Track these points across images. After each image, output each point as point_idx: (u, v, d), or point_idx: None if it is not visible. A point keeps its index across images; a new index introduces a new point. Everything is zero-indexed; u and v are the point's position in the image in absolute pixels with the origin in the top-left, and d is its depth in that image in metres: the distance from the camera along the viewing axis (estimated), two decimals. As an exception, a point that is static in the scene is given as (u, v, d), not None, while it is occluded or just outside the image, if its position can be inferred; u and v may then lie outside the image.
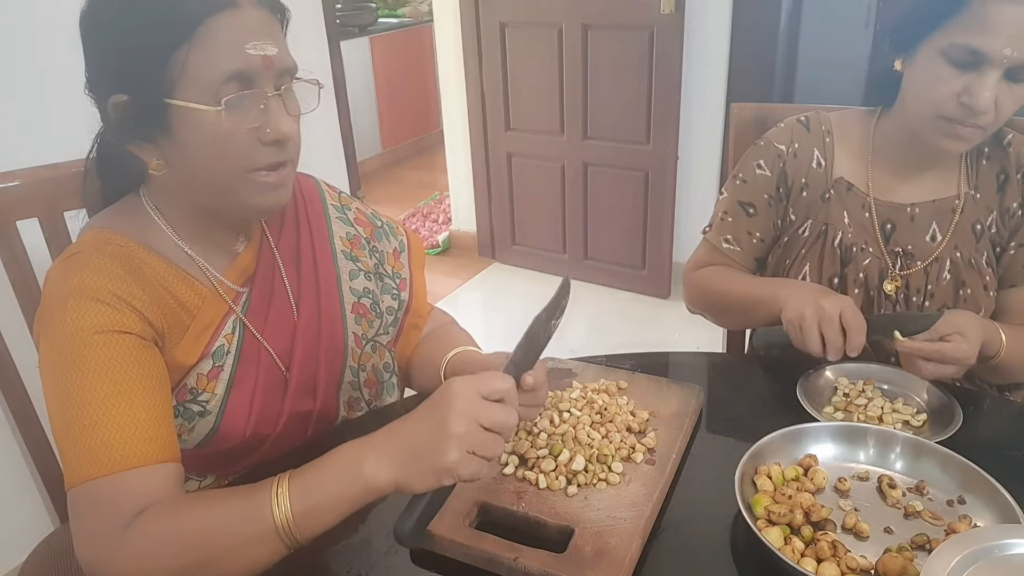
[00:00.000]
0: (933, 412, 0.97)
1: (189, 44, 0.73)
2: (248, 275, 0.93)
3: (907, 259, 1.14)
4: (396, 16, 5.29)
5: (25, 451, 1.11)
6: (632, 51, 2.77)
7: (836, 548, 0.72)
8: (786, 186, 1.19)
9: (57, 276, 0.80)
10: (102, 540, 0.70)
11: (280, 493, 0.68)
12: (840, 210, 1.16)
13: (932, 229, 1.14)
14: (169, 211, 0.86)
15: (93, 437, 0.72)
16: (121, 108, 0.77)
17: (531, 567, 0.71)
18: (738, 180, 1.23)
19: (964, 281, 1.13)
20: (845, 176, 1.17)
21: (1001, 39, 0.93)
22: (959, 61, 0.97)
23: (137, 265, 0.83)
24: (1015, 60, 0.94)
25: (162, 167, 0.80)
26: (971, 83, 0.97)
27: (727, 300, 1.20)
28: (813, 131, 1.19)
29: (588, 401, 0.95)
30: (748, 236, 1.22)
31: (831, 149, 1.18)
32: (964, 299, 1.13)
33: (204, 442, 0.89)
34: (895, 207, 1.14)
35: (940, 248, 1.13)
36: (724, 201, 1.25)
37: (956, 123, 1.00)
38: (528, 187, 3.27)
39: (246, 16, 0.75)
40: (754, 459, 0.83)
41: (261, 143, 0.78)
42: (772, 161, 1.20)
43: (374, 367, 1.04)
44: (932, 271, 1.13)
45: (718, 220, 1.25)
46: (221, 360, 0.88)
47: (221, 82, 0.74)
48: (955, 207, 1.13)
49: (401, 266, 1.08)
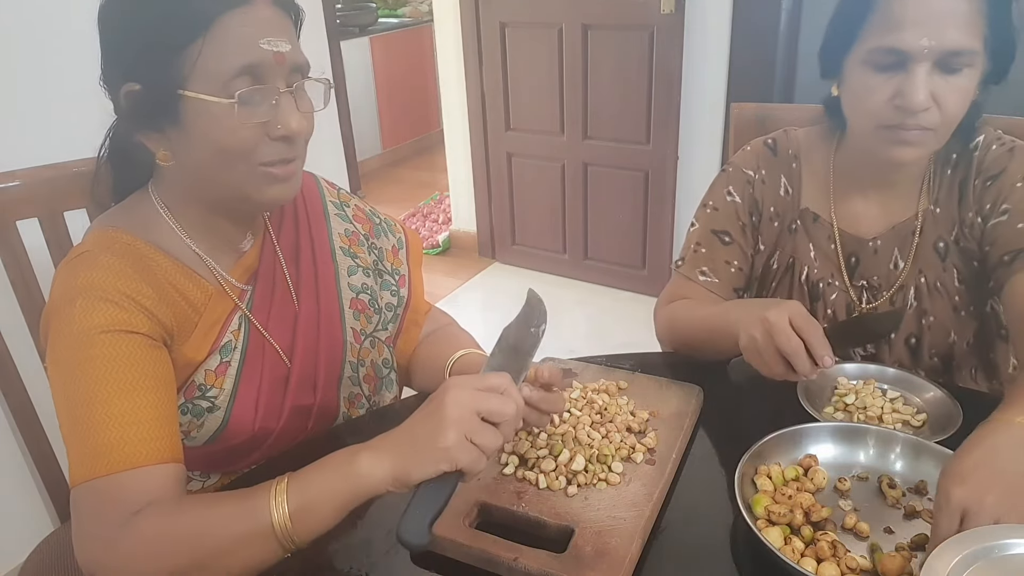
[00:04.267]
0: (933, 412, 0.97)
1: (204, 38, 0.74)
2: (252, 272, 0.94)
3: (872, 291, 1.12)
4: (396, 16, 5.29)
5: (25, 451, 1.11)
6: (632, 51, 2.77)
7: (836, 548, 0.72)
8: (757, 213, 1.15)
9: (66, 274, 0.81)
10: (100, 539, 0.70)
11: (278, 491, 0.69)
12: (806, 243, 1.14)
13: (894, 256, 1.10)
14: (177, 208, 0.87)
15: (98, 436, 0.72)
16: (133, 97, 0.78)
17: (531, 567, 0.71)
18: (708, 208, 1.17)
19: (926, 309, 1.10)
20: (811, 207, 1.13)
21: (915, 31, 0.90)
22: (882, 64, 0.94)
23: (145, 263, 0.83)
24: (937, 49, 0.90)
25: (169, 158, 0.81)
26: (901, 83, 0.93)
27: (689, 332, 1.11)
28: (780, 155, 1.15)
29: (588, 401, 0.95)
30: (726, 266, 1.15)
31: (798, 176, 1.14)
32: (928, 327, 1.10)
33: (213, 438, 0.90)
34: (858, 241, 1.11)
35: (903, 275, 1.10)
36: (696, 232, 1.18)
37: (898, 129, 0.95)
38: (528, 187, 3.27)
39: (260, 13, 0.77)
40: (754, 459, 0.83)
41: (269, 138, 0.79)
42: (742, 187, 1.15)
43: (373, 363, 1.04)
44: (897, 300, 1.11)
45: (691, 252, 1.17)
46: (228, 355, 0.89)
47: (233, 75, 0.75)
48: (914, 228, 1.09)
49: (400, 263, 1.09)
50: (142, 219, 0.86)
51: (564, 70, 2.95)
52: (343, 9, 4.65)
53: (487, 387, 0.71)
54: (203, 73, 0.75)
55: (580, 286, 3.24)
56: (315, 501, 0.68)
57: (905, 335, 1.12)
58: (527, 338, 0.80)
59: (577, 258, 3.25)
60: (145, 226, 0.86)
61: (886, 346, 1.13)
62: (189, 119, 0.77)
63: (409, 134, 5.30)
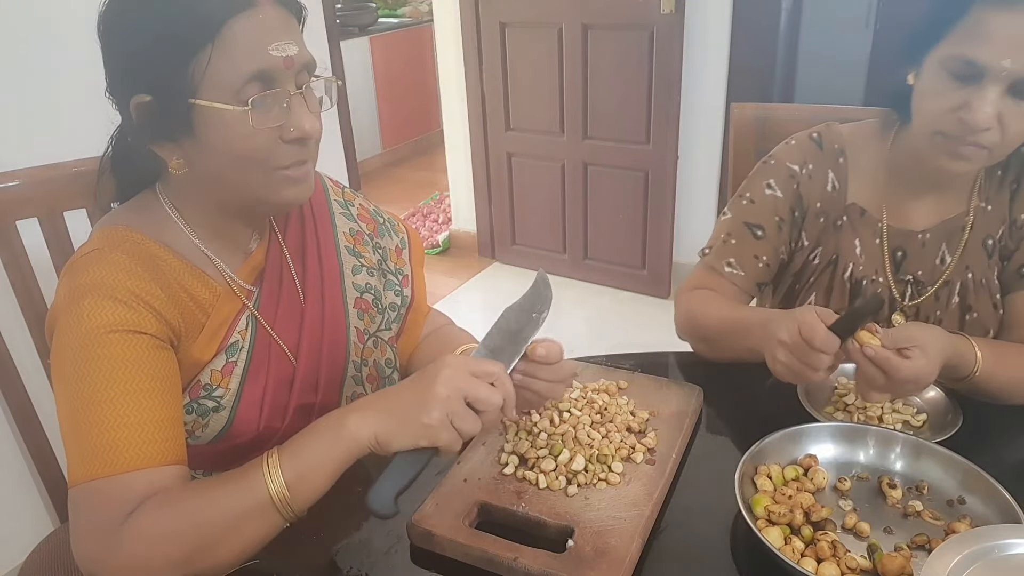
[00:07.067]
0: (933, 412, 0.97)
1: (212, 46, 0.74)
2: (259, 272, 0.94)
3: (917, 287, 1.11)
4: (396, 16, 5.29)
5: (25, 451, 1.11)
6: (632, 51, 2.77)
7: (836, 548, 0.72)
8: (802, 209, 1.13)
9: (75, 271, 0.80)
10: (99, 537, 0.70)
11: (271, 463, 0.71)
12: (852, 239, 1.12)
13: (941, 251, 1.09)
14: (186, 209, 0.87)
15: (100, 436, 0.72)
16: (143, 108, 0.78)
17: (531, 567, 0.71)
18: (744, 200, 1.15)
19: (971, 305, 1.09)
20: (858, 202, 1.12)
21: (999, 50, 0.88)
22: (958, 73, 0.92)
23: (154, 262, 0.83)
24: (1016, 74, 0.89)
25: (182, 166, 0.81)
26: (970, 96, 0.91)
27: (706, 328, 1.10)
28: (826, 150, 1.13)
29: (588, 401, 0.95)
30: (754, 260, 1.13)
31: (844, 171, 1.12)
32: (970, 323, 1.10)
33: (218, 438, 0.90)
34: (907, 234, 1.10)
35: (949, 270, 1.09)
36: (728, 222, 1.16)
37: (955, 140, 0.94)
38: (528, 187, 3.27)
39: (266, 16, 0.76)
40: (754, 459, 0.83)
41: (283, 141, 0.79)
42: (785, 182, 1.12)
43: (375, 362, 1.05)
44: (942, 296, 1.10)
45: (719, 242, 1.15)
46: (235, 355, 0.89)
47: (244, 82, 0.75)
48: (964, 224, 1.08)
49: (403, 263, 1.09)
50: (151, 218, 0.86)
51: (564, 70, 2.94)
52: (343, 9, 4.65)
53: (481, 372, 0.73)
54: (214, 81, 0.75)
55: (580, 286, 3.24)
56: (310, 467, 0.71)
57: None
58: (527, 323, 0.80)
59: (577, 258, 3.25)
60: (154, 225, 0.86)
61: None
62: (202, 128, 0.77)
63: (409, 134, 5.29)
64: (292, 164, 0.81)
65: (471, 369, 0.73)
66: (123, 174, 0.90)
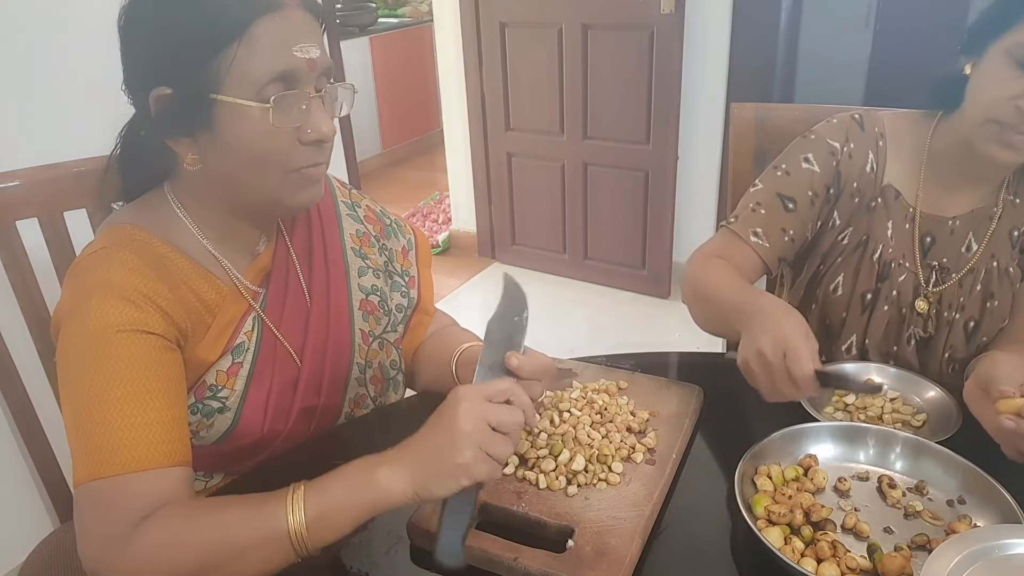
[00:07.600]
0: (933, 412, 0.97)
1: (239, 43, 0.74)
2: (265, 273, 0.94)
3: (942, 273, 1.12)
4: (396, 16, 5.29)
5: (25, 451, 1.11)
6: (632, 51, 2.77)
7: (836, 548, 0.72)
8: (838, 187, 1.13)
9: (82, 269, 0.80)
10: (107, 541, 0.70)
11: (296, 497, 0.69)
12: (884, 221, 1.12)
13: (968, 239, 1.11)
14: (195, 209, 0.87)
15: (105, 436, 0.72)
16: (164, 101, 0.78)
17: (531, 567, 0.71)
18: (779, 171, 1.14)
19: (992, 293, 1.11)
20: (894, 184, 1.12)
21: None
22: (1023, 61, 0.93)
23: (162, 262, 0.83)
24: None
25: (197, 162, 0.81)
26: None
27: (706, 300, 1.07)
28: (867, 131, 1.13)
29: (588, 401, 0.95)
30: (780, 232, 1.12)
31: (883, 153, 1.13)
32: (991, 311, 1.11)
33: (222, 439, 0.89)
34: (938, 220, 1.11)
35: (975, 258, 1.11)
36: (758, 192, 1.15)
37: (1009, 129, 0.95)
38: (528, 187, 3.27)
39: (292, 18, 0.77)
40: (754, 459, 0.83)
41: (301, 143, 0.80)
42: (824, 158, 1.12)
43: (380, 364, 1.05)
44: (966, 283, 1.11)
45: (747, 211, 1.14)
46: (241, 356, 0.89)
47: (267, 81, 0.76)
48: (992, 215, 1.10)
49: (409, 264, 1.09)
50: (158, 218, 0.86)
51: (564, 70, 2.94)
52: (343, 9, 4.65)
53: (495, 394, 0.72)
54: (238, 78, 0.75)
55: (580, 286, 3.24)
56: (332, 511, 0.69)
57: (966, 320, 1.12)
58: (513, 329, 0.80)
59: (577, 258, 3.25)
60: (161, 225, 0.86)
61: (946, 328, 1.13)
62: (222, 124, 0.77)
63: (409, 134, 5.29)
64: (307, 166, 0.81)
65: (485, 394, 0.71)
66: (131, 172, 0.90)
